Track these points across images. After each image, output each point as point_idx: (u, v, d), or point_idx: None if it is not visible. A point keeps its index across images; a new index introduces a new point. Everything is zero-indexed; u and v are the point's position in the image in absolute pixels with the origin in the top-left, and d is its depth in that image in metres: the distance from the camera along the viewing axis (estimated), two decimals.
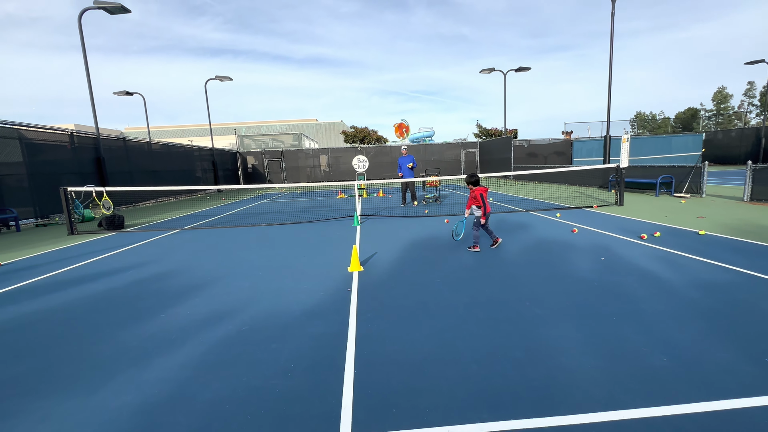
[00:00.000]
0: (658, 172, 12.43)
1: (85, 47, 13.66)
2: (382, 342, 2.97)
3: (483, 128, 36.31)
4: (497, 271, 4.63)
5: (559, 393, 2.25)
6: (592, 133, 26.47)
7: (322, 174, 29.11)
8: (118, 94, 24.69)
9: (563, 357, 2.64)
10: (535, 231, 7.02)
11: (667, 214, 8.20)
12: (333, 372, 2.57)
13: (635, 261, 4.83)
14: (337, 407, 2.20)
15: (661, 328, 3.01)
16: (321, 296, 4.03)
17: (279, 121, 58.72)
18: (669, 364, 2.51)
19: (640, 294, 3.73)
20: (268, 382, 2.48)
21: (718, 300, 3.51)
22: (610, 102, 14.59)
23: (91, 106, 14.01)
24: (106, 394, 2.43)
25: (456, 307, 3.58)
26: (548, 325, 3.13)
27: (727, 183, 14.85)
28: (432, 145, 30.41)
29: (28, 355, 3.01)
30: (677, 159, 20.10)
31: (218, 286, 4.54)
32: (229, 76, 23.40)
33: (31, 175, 11.07)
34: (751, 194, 9.76)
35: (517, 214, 9.27)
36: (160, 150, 18.91)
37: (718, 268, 4.44)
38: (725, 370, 2.42)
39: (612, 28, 13.93)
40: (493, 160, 25.67)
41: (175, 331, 3.33)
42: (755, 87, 54.73)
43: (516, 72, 25.37)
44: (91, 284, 4.82)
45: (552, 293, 3.84)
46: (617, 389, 2.26)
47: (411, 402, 2.23)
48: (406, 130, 33.76)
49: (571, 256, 5.18)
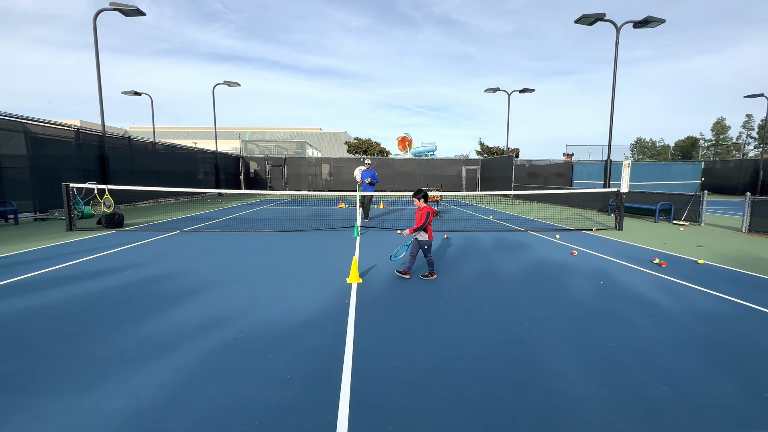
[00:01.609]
0: (657, 199, 12.52)
1: (98, 47, 13.85)
2: (380, 357, 2.94)
3: (485, 146, 36.67)
4: (496, 291, 4.61)
5: (558, 419, 2.22)
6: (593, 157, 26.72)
7: (323, 183, 29.20)
8: (126, 93, 24.92)
9: (562, 382, 2.61)
10: (534, 252, 7.03)
11: (666, 241, 8.23)
12: (329, 385, 2.54)
13: (634, 287, 4.83)
14: (333, 422, 2.17)
15: (661, 357, 2.99)
16: (319, 307, 4.00)
17: (283, 128, 59.18)
18: (669, 394, 2.49)
19: (639, 321, 3.72)
20: (263, 393, 2.45)
21: (718, 331, 3.50)
22: (612, 126, 14.79)
23: (100, 105, 14.11)
24: (98, 396, 2.39)
25: (455, 325, 3.56)
26: (547, 349, 3.11)
27: (726, 213, 14.95)
28: (434, 160, 30.64)
29: (20, 352, 2.96)
30: (676, 186, 20.27)
31: (216, 291, 4.51)
32: (237, 82, 23.68)
33: (34, 169, 11.08)
34: (750, 226, 9.82)
35: (517, 233, 9.28)
36: (163, 151, 18.99)
37: (717, 298, 4.44)
38: (725, 404, 2.40)
39: (615, 56, 14.23)
40: (495, 178, 25.83)
41: (170, 334, 3.29)
42: (753, 120, 55.64)
43: (520, 93, 25.77)
44: (88, 282, 4.78)
45: (551, 316, 3.83)
46: (617, 418, 2.24)
47: (408, 420, 2.20)
48: (409, 144, 34.05)
49: (570, 279, 5.17)
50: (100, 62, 13.95)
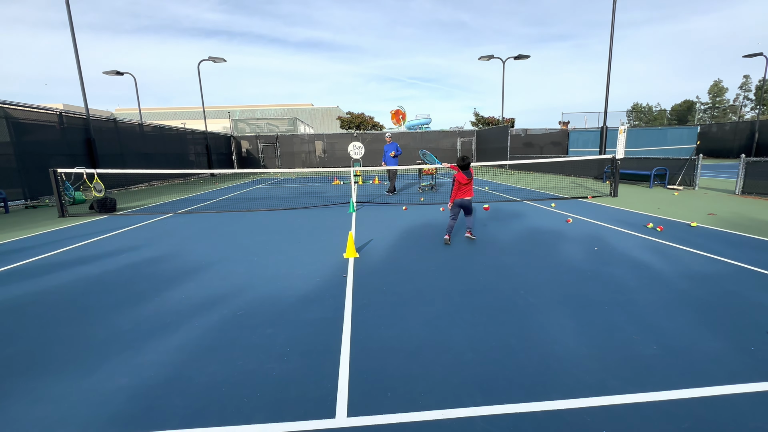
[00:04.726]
0: (652, 164, 12.50)
1: (72, 23, 13.21)
2: (377, 328, 2.99)
3: (480, 117, 36.10)
4: (492, 260, 4.66)
5: (551, 379, 2.29)
6: (589, 124, 26.48)
7: (317, 160, 28.85)
8: (108, 73, 23.99)
9: (556, 345, 2.68)
10: (530, 220, 7.06)
11: (660, 206, 8.28)
12: (328, 357, 2.59)
13: (628, 252, 4.89)
14: (333, 391, 2.22)
15: (652, 317, 3.06)
16: (316, 282, 4.03)
17: (274, 105, 57.78)
18: (659, 352, 2.56)
19: (632, 284, 3.78)
20: (263, 366, 2.49)
21: (708, 291, 3.58)
22: (608, 93, 14.54)
23: (81, 86, 13.64)
24: (100, 377, 2.43)
25: (451, 295, 3.61)
26: (542, 314, 3.17)
27: (720, 176, 15.00)
28: (429, 132, 30.20)
29: (21, 337, 2.98)
30: (672, 151, 20.19)
31: (213, 270, 4.52)
32: (223, 58, 22.85)
33: (19, 155, 10.82)
34: (743, 188, 9.88)
35: (512, 203, 9.29)
36: (152, 132, 18.54)
37: (708, 259, 4.51)
38: (713, 358, 2.47)
39: (613, 19, 13.77)
40: (490, 149, 25.60)
41: (169, 314, 3.32)
42: (751, 81, 54.82)
43: (515, 60, 25.11)
44: (84, 267, 4.77)
45: (546, 282, 3.88)
46: (608, 376, 2.31)
47: (406, 387, 2.25)
48: (403, 117, 33.45)
49: (565, 246, 5.22)
50: (79, 42, 13.36)
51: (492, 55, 25.28)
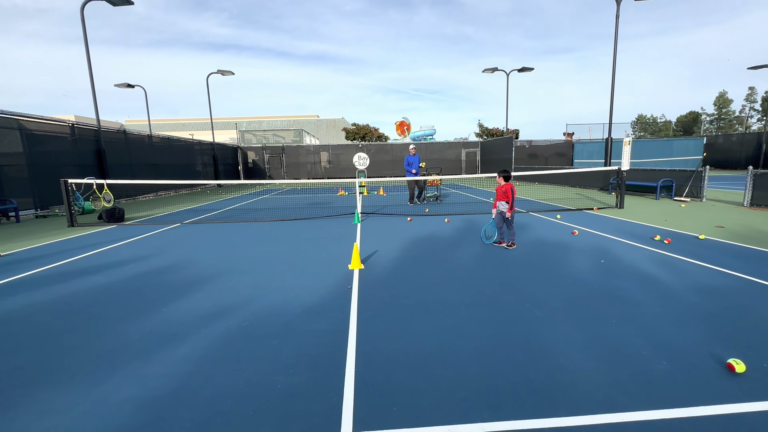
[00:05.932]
0: (659, 176, 12.44)
1: (87, 38, 13.59)
2: (383, 340, 2.98)
3: (485, 128, 36.28)
4: (498, 272, 4.64)
5: (559, 394, 2.26)
6: (594, 135, 26.46)
7: (322, 170, 29.07)
8: (119, 86, 24.58)
9: (563, 359, 2.65)
10: (535, 232, 7.03)
11: (667, 218, 8.21)
12: (334, 369, 2.58)
13: (635, 264, 4.85)
14: (339, 404, 2.21)
15: (661, 332, 3.02)
16: (322, 293, 4.04)
17: (280, 117, 58.57)
18: (669, 368, 2.52)
19: (640, 297, 3.74)
20: (269, 378, 2.49)
21: (718, 305, 3.53)
22: (613, 104, 14.58)
23: (93, 99, 13.95)
24: (108, 387, 2.44)
25: (457, 308, 3.59)
26: (549, 327, 3.14)
27: (728, 188, 14.87)
28: (433, 143, 30.37)
29: (29, 347, 3.01)
30: (678, 163, 20.10)
31: (219, 281, 4.55)
32: (231, 71, 23.32)
33: (31, 166, 11.04)
34: (752, 200, 9.78)
35: (517, 214, 9.27)
36: (160, 143, 18.85)
37: (718, 272, 4.45)
38: (725, 375, 2.43)
39: (616, 31, 13.90)
40: (494, 160, 25.65)
41: (176, 325, 3.33)
42: (756, 92, 54.69)
43: (519, 72, 25.32)
44: (93, 276, 4.82)
45: (552, 295, 3.85)
46: (617, 392, 2.27)
47: (412, 401, 2.24)
48: (408, 128, 33.70)
49: (571, 259, 5.19)
50: (93, 55, 13.72)
51: (496, 67, 25.52)
